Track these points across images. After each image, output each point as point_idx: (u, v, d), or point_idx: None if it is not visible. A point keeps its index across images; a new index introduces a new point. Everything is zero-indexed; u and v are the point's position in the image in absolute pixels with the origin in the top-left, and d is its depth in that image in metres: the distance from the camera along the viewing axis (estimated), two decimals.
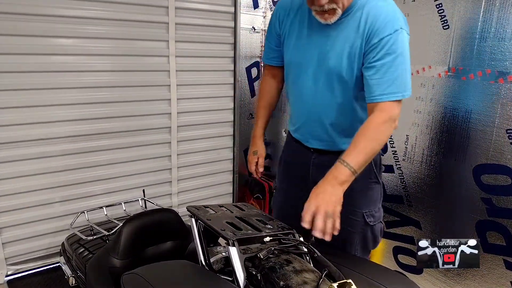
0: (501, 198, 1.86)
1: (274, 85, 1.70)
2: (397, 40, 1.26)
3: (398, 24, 1.27)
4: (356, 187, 1.45)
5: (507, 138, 1.80)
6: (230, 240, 1.17)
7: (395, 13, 1.29)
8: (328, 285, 1.04)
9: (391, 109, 1.30)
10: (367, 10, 1.31)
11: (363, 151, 1.27)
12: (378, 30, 1.27)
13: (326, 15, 1.31)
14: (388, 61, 1.27)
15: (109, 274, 1.52)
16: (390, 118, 1.30)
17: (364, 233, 1.54)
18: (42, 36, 2.22)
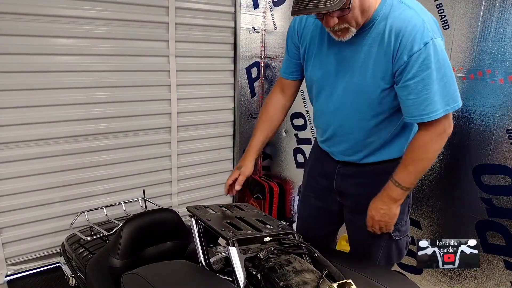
0: (501, 198, 1.86)
1: (281, 101, 1.60)
2: (429, 54, 1.15)
3: (428, 35, 1.15)
4: None
5: (507, 138, 1.80)
6: (230, 240, 1.17)
7: (423, 23, 1.16)
8: (328, 285, 1.04)
9: (436, 126, 1.23)
10: (390, 22, 1.20)
11: (414, 171, 1.30)
12: (406, 46, 1.17)
13: (339, 33, 1.23)
14: (422, 79, 1.17)
15: (109, 274, 1.52)
16: (438, 135, 1.25)
17: (388, 247, 1.50)
18: (42, 36, 2.22)
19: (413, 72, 1.18)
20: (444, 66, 1.18)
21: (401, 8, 1.20)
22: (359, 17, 1.18)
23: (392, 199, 1.33)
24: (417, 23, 1.16)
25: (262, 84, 3.20)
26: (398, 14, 1.19)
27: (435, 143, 1.26)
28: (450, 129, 1.27)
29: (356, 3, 1.15)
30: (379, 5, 1.22)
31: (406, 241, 1.54)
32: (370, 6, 1.20)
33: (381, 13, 1.21)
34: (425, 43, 1.15)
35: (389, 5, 1.21)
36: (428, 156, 1.28)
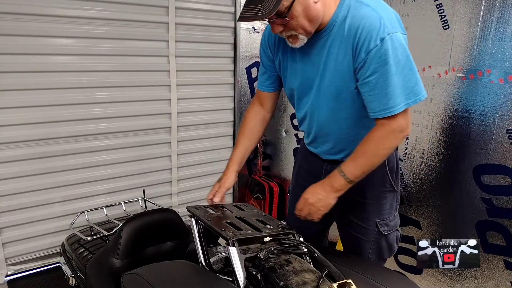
0: (501, 198, 1.86)
1: (261, 113, 1.61)
2: (387, 50, 1.15)
3: (385, 31, 1.15)
4: (369, 196, 1.47)
5: (507, 138, 1.80)
6: (230, 240, 1.17)
7: (379, 19, 1.17)
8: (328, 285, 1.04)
9: (394, 121, 1.23)
10: (349, 22, 1.22)
11: (362, 165, 1.28)
12: (363, 43, 1.18)
13: (290, 40, 1.28)
14: (381, 74, 1.18)
15: (109, 274, 1.52)
16: (393, 131, 1.24)
17: (378, 242, 1.51)
18: (42, 36, 2.22)
19: (372, 69, 1.19)
20: (403, 60, 1.18)
21: (358, 7, 1.21)
22: (305, 25, 1.21)
23: (333, 188, 1.31)
24: (374, 20, 1.17)
25: None
26: (356, 13, 1.21)
27: (389, 140, 1.25)
28: (407, 130, 1.26)
29: (298, 12, 1.18)
30: (336, 9, 1.24)
31: (396, 235, 1.55)
32: (320, 14, 1.22)
33: (340, 15, 1.24)
34: (382, 39, 1.15)
35: (347, 6, 1.23)
36: (379, 152, 1.27)
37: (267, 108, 1.61)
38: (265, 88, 1.57)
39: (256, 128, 1.61)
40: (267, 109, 1.61)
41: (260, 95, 1.60)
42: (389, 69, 1.17)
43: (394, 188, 1.50)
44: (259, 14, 1.13)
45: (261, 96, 1.60)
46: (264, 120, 1.62)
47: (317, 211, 1.34)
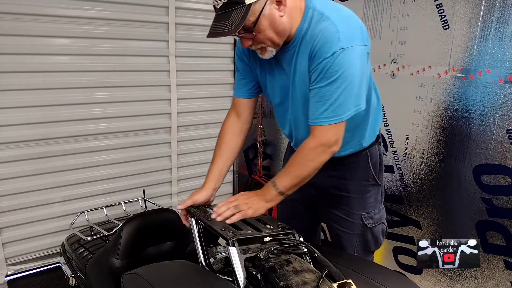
0: (501, 198, 1.86)
1: (238, 125, 1.55)
2: (334, 63, 1.18)
3: (337, 45, 1.17)
4: (352, 190, 1.50)
5: (507, 138, 1.80)
6: (230, 240, 1.17)
7: (336, 33, 1.18)
8: (328, 285, 1.04)
9: (323, 134, 1.26)
10: (309, 33, 1.25)
11: (292, 176, 1.31)
12: (317, 53, 1.21)
13: (259, 51, 1.30)
14: (324, 85, 1.21)
15: (109, 274, 1.52)
16: (321, 144, 1.26)
17: (363, 235, 1.54)
18: (42, 36, 2.22)
19: (319, 78, 1.22)
20: (348, 78, 1.20)
21: (319, 20, 1.23)
22: (273, 37, 1.24)
23: (264, 198, 1.33)
24: (330, 33, 1.19)
25: None
26: (315, 26, 1.23)
27: (316, 152, 1.27)
28: (335, 147, 1.28)
29: (264, 26, 1.20)
30: (301, 21, 1.26)
31: (381, 228, 1.58)
32: (286, 26, 1.24)
33: (304, 27, 1.26)
34: (333, 53, 1.17)
35: (310, 19, 1.25)
36: (307, 163, 1.29)
37: (243, 119, 1.56)
38: (242, 94, 1.53)
39: (233, 141, 1.54)
40: (244, 120, 1.56)
41: (237, 104, 1.56)
42: (332, 83, 1.20)
43: (377, 182, 1.53)
44: (226, 30, 1.16)
45: (238, 105, 1.56)
46: (242, 131, 1.56)
47: (244, 212, 1.29)
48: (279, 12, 1.21)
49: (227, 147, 1.53)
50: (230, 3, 1.15)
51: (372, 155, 1.50)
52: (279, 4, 1.20)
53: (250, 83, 1.52)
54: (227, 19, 1.16)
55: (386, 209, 2.38)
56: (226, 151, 1.53)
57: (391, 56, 2.25)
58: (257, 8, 1.16)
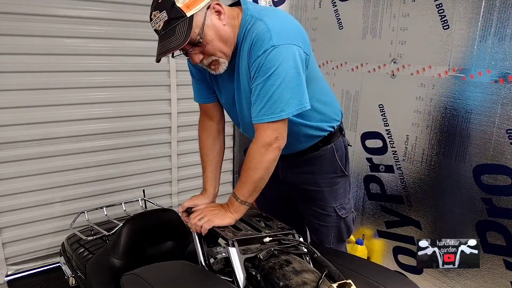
0: (501, 198, 1.86)
1: (213, 127, 1.56)
2: (267, 60, 1.20)
3: (269, 43, 1.19)
4: (322, 184, 1.55)
5: (507, 138, 1.80)
6: (230, 241, 1.17)
7: (267, 31, 1.20)
8: (328, 285, 1.04)
9: (263, 133, 1.26)
10: (246, 35, 1.27)
11: (247, 183, 1.31)
12: (251, 52, 1.24)
13: (212, 67, 1.30)
14: (259, 83, 1.23)
15: (109, 274, 1.52)
16: (263, 145, 1.27)
17: (338, 225, 1.61)
18: (42, 36, 2.22)
19: (255, 76, 1.24)
20: (281, 74, 1.20)
21: (252, 23, 1.26)
22: (222, 47, 1.25)
23: (230, 209, 1.34)
24: (261, 33, 1.21)
25: None
26: (250, 28, 1.26)
27: (261, 154, 1.27)
28: (278, 143, 1.27)
29: (211, 36, 1.22)
30: (239, 29, 1.28)
31: (352, 217, 1.65)
32: (230, 34, 1.26)
33: (242, 32, 1.28)
34: (265, 50, 1.20)
35: (246, 24, 1.27)
36: (257, 166, 1.28)
37: (217, 120, 1.56)
38: (205, 100, 1.54)
39: (216, 145, 1.56)
40: (218, 120, 1.57)
41: (206, 109, 1.56)
42: (266, 80, 1.21)
43: (345, 173, 1.59)
44: (174, 45, 1.16)
45: (207, 110, 1.56)
46: (219, 132, 1.58)
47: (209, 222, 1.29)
48: (221, 21, 1.23)
49: (213, 152, 1.55)
50: (171, 19, 1.15)
51: (338, 147, 1.55)
52: (219, 14, 1.23)
53: (209, 88, 1.52)
54: (173, 35, 1.16)
55: (386, 209, 2.40)
56: (213, 156, 1.55)
57: (391, 56, 2.25)
58: (199, 19, 1.18)
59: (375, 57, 2.33)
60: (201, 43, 1.21)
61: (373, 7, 2.31)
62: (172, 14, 1.15)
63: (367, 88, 2.44)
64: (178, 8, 1.15)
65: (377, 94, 2.36)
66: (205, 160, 1.55)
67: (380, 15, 2.28)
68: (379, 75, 2.32)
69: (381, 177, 2.41)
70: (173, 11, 1.15)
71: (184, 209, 1.47)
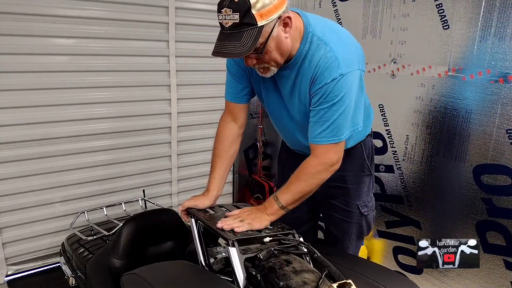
0: (501, 198, 1.86)
1: (235, 129, 1.56)
2: (335, 88, 1.25)
3: (337, 72, 1.24)
4: (350, 181, 1.59)
5: (507, 138, 1.80)
6: (230, 241, 1.17)
7: (335, 60, 1.25)
8: (328, 285, 1.04)
9: (325, 154, 1.33)
10: (309, 58, 1.30)
11: (293, 192, 1.35)
12: (318, 78, 1.28)
13: (261, 70, 1.33)
14: (324, 107, 1.28)
15: (109, 274, 1.52)
16: (323, 164, 1.33)
17: (359, 222, 1.63)
18: (42, 36, 2.22)
19: (320, 100, 1.29)
20: (346, 101, 1.27)
21: (318, 46, 1.29)
22: (277, 58, 1.27)
23: (267, 211, 1.36)
24: (329, 61, 1.25)
25: None
26: (315, 52, 1.29)
27: (318, 171, 1.34)
28: (336, 165, 1.36)
29: (271, 47, 1.23)
30: (300, 44, 1.30)
31: (373, 215, 1.69)
32: (289, 47, 1.28)
33: (303, 51, 1.30)
34: (333, 79, 1.25)
35: (309, 43, 1.30)
36: (310, 181, 1.35)
37: (240, 123, 1.58)
38: (240, 100, 1.54)
39: (232, 148, 1.57)
40: (240, 124, 1.58)
41: (234, 109, 1.56)
42: (332, 106, 1.27)
43: (371, 171, 1.64)
44: (237, 52, 1.16)
45: (234, 110, 1.56)
46: (239, 136, 1.59)
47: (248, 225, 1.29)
48: (285, 34, 1.24)
49: (227, 155, 1.56)
50: (242, 24, 1.14)
51: (366, 146, 1.60)
52: (286, 26, 1.23)
53: (246, 88, 1.53)
54: (239, 40, 1.15)
55: (386, 209, 2.40)
56: (225, 159, 1.56)
57: (391, 56, 2.25)
58: (267, 30, 1.18)
59: (375, 57, 2.33)
60: (261, 52, 1.23)
61: (373, 7, 2.31)
62: (245, 19, 1.13)
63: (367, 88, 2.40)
64: (252, 15, 1.13)
65: (377, 94, 2.35)
66: (216, 161, 1.56)
67: (380, 15, 2.28)
68: (379, 75, 2.32)
69: (381, 177, 2.41)
70: (247, 16, 1.13)
71: (184, 208, 1.47)
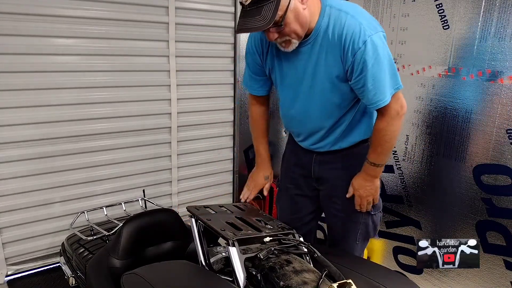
0: (501, 198, 1.86)
1: (264, 110, 1.75)
2: (369, 50, 1.30)
3: (366, 34, 1.30)
4: None
5: (507, 138, 1.80)
6: (230, 240, 1.17)
7: (360, 25, 1.31)
8: (328, 285, 1.04)
9: (389, 110, 1.40)
10: (331, 29, 1.35)
11: (385, 152, 1.49)
12: (349, 48, 1.32)
13: (283, 44, 1.38)
14: (368, 71, 1.32)
15: (109, 274, 1.52)
16: (391, 117, 1.41)
17: (366, 222, 1.64)
18: (42, 36, 2.22)
19: (360, 67, 1.33)
20: (384, 57, 1.33)
21: (339, 16, 1.34)
22: (298, 30, 1.33)
23: (372, 176, 1.52)
24: (355, 26, 1.31)
25: None
26: (337, 22, 1.34)
27: (391, 125, 1.43)
28: (403, 110, 1.43)
29: (290, 19, 1.29)
30: (319, 17, 1.37)
31: (380, 216, 1.70)
32: (308, 19, 1.34)
33: (323, 23, 1.36)
34: (364, 42, 1.30)
35: (328, 15, 1.36)
36: (388, 137, 1.45)
37: (266, 105, 1.76)
38: (257, 92, 1.70)
39: (266, 124, 1.78)
40: (267, 105, 1.77)
41: (259, 99, 1.73)
42: (373, 66, 1.32)
43: None
44: (258, 26, 1.23)
45: (259, 100, 1.73)
46: (267, 113, 1.78)
47: (374, 197, 1.55)
48: (302, 5, 1.30)
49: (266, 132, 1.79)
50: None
51: None
52: None
53: (268, 81, 1.66)
54: (259, 14, 1.23)
55: (386, 209, 2.40)
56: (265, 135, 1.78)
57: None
58: (284, 3, 1.25)
59: None
60: (281, 26, 1.28)
61: (373, 7, 2.31)
62: None
63: None
64: None
65: None
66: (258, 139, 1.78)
67: (380, 15, 2.28)
68: None
69: (381, 177, 2.41)
70: None
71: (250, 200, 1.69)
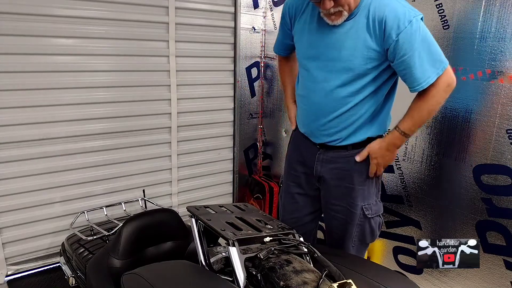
0: (501, 198, 1.86)
1: (292, 63, 1.83)
2: (415, 30, 1.34)
3: (410, 14, 1.34)
4: (356, 182, 1.59)
5: (507, 138, 1.80)
6: (230, 240, 1.17)
7: (403, 6, 1.35)
8: (328, 285, 1.04)
9: (441, 82, 1.42)
10: (373, 9, 1.39)
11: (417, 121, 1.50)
12: (392, 27, 1.35)
13: (333, 17, 1.41)
14: (413, 52, 1.35)
15: (109, 274, 1.53)
16: (443, 89, 1.43)
17: (362, 225, 1.62)
18: (42, 36, 2.22)
19: (405, 48, 1.36)
20: (428, 36, 1.38)
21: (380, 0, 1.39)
22: (351, 2, 1.37)
23: (396, 146, 1.54)
24: (398, 7, 1.37)
25: (262, 84, 3.19)
26: (378, 4, 1.39)
27: (440, 95, 1.44)
28: (453, 84, 1.45)
29: None
30: None
31: (378, 221, 1.67)
32: None
33: (364, 2, 1.40)
34: (409, 21, 1.34)
35: None
36: (431, 108, 1.46)
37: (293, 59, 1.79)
38: (283, 52, 1.81)
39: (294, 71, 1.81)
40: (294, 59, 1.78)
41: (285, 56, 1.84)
42: (418, 47, 1.35)
43: None
44: None
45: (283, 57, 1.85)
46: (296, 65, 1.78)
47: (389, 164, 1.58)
48: None
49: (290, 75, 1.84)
50: None
51: None
52: None
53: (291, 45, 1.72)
54: None
55: (386, 209, 2.40)
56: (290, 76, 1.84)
57: None
58: None
59: None
60: None
61: None
62: None
63: None
64: None
65: None
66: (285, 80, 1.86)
67: None
68: None
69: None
70: None
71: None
